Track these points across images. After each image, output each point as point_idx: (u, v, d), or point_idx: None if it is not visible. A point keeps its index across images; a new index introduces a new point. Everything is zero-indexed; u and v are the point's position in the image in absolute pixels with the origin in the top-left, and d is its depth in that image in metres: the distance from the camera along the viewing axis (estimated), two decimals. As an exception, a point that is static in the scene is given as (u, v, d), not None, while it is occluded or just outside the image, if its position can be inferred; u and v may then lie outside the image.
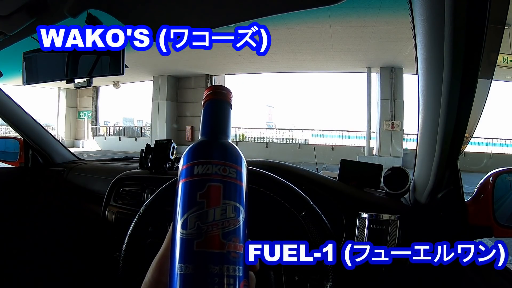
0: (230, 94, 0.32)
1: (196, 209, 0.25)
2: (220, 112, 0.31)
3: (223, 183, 0.26)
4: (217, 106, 0.31)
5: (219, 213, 0.25)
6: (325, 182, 0.87)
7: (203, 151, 0.28)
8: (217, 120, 0.31)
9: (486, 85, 0.53)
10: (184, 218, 0.25)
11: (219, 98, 0.31)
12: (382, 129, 10.96)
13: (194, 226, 0.24)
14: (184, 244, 0.24)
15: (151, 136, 14.14)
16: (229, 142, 0.29)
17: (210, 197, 0.25)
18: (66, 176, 1.45)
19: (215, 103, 0.31)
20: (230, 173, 0.26)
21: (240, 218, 0.26)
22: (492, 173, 0.70)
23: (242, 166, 0.28)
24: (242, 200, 0.27)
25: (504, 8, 0.48)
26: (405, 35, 7.50)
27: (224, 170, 0.26)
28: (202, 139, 0.30)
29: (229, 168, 0.26)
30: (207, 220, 0.24)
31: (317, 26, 7.82)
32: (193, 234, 0.24)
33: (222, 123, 0.31)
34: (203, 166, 0.26)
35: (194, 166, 0.26)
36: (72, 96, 16.18)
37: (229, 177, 0.26)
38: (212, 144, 0.29)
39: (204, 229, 0.24)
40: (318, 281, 0.66)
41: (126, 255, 0.67)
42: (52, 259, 1.43)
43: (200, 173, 0.26)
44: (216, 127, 0.30)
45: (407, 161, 9.93)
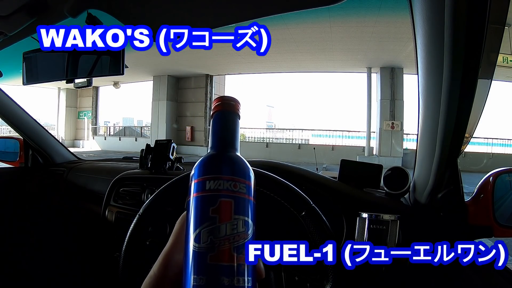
0: (239, 105, 0.33)
1: (208, 223, 0.26)
2: (228, 124, 0.32)
3: (234, 199, 0.27)
4: (225, 118, 0.32)
5: (230, 228, 0.26)
6: (325, 182, 0.87)
7: (214, 166, 0.29)
8: (226, 133, 0.32)
9: (486, 85, 0.53)
10: (198, 232, 0.26)
11: (228, 110, 0.32)
12: (382, 129, 10.96)
13: (207, 240, 0.26)
14: (198, 257, 0.25)
15: (151, 136, 14.13)
16: (237, 156, 0.30)
17: (221, 212, 0.26)
18: (66, 176, 1.45)
19: (224, 114, 0.32)
20: (240, 188, 0.28)
21: (249, 232, 0.27)
22: (492, 173, 0.70)
23: (251, 180, 0.29)
24: (251, 214, 0.28)
25: (504, 8, 0.48)
26: (405, 35, 7.50)
27: (235, 186, 0.27)
28: (212, 153, 0.31)
29: (240, 184, 0.28)
30: (219, 235, 0.26)
31: (317, 26, 7.82)
32: (206, 247, 0.25)
33: (231, 136, 0.32)
34: (215, 182, 0.27)
35: (206, 181, 0.27)
36: (72, 96, 16.17)
37: (239, 192, 0.27)
38: (222, 159, 0.30)
39: (216, 243, 0.25)
40: (318, 281, 0.66)
41: (126, 255, 0.67)
42: (52, 259, 1.43)
43: (212, 189, 0.27)
44: (225, 140, 0.31)
45: (407, 161, 9.93)
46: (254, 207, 0.29)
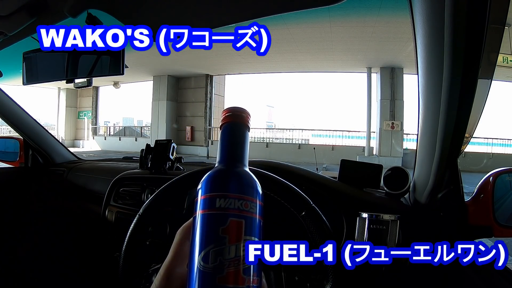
0: (248, 117, 0.32)
1: (218, 244, 0.25)
2: (237, 137, 0.31)
3: (245, 219, 0.26)
4: (234, 131, 0.31)
5: (240, 249, 0.25)
6: (325, 182, 0.87)
7: (223, 182, 0.27)
8: (235, 147, 0.30)
9: (486, 85, 0.53)
10: (206, 252, 0.25)
11: (237, 121, 0.31)
12: (382, 129, 10.96)
13: (216, 261, 0.24)
14: (206, 277, 0.24)
15: (151, 136, 14.13)
16: (246, 172, 0.29)
17: (231, 233, 0.25)
18: (66, 176, 1.45)
19: (233, 127, 0.31)
20: (251, 208, 0.26)
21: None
22: (492, 173, 0.70)
23: (259, 197, 0.28)
24: (260, 234, 0.27)
25: (504, 8, 0.48)
26: (405, 35, 7.50)
27: (245, 205, 0.26)
28: (220, 167, 0.29)
29: (250, 203, 0.27)
30: (229, 256, 0.25)
31: (317, 26, 7.82)
32: (215, 268, 0.24)
33: (240, 150, 0.30)
34: (225, 200, 0.26)
35: (216, 198, 0.26)
36: (72, 96, 16.17)
37: (250, 212, 0.26)
38: (231, 175, 0.28)
39: (226, 264, 0.24)
40: (318, 281, 0.66)
41: (126, 255, 0.67)
42: (52, 259, 1.43)
43: (222, 207, 0.26)
44: (234, 154, 0.30)
45: (407, 161, 9.93)
46: (262, 225, 0.28)
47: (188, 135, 13.75)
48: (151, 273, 0.66)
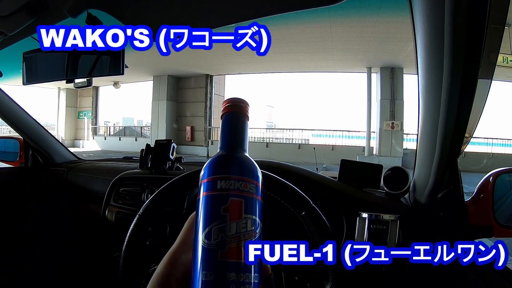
0: (247, 107, 0.34)
1: (219, 221, 0.27)
2: (237, 125, 0.33)
3: (244, 198, 0.28)
4: (234, 119, 0.33)
5: (241, 227, 0.27)
6: (325, 182, 0.87)
7: (224, 166, 0.29)
8: (235, 134, 0.32)
9: (486, 85, 0.53)
10: (208, 230, 0.27)
11: (237, 111, 0.33)
12: (382, 129, 10.96)
13: (218, 238, 0.26)
14: (209, 253, 0.26)
15: (151, 136, 14.12)
16: (246, 156, 0.31)
17: (232, 211, 0.27)
18: (66, 176, 1.45)
19: (233, 116, 0.33)
20: (250, 188, 0.28)
21: (257, 231, 0.28)
22: (492, 173, 0.70)
23: (259, 180, 0.30)
24: (260, 213, 0.29)
25: (504, 8, 0.48)
26: (405, 35, 7.49)
27: (245, 186, 0.28)
28: (221, 153, 0.31)
29: (250, 184, 0.28)
30: (230, 233, 0.26)
31: (317, 26, 7.82)
32: (217, 244, 0.26)
33: (240, 137, 0.32)
34: (226, 181, 0.28)
35: (217, 180, 0.28)
36: (72, 96, 16.16)
37: (249, 192, 0.28)
38: (232, 159, 0.30)
39: (227, 240, 0.26)
40: (318, 281, 0.66)
41: (126, 255, 0.67)
42: (52, 259, 1.43)
43: (223, 188, 0.28)
44: (234, 141, 0.32)
45: (407, 161, 9.92)
46: (262, 206, 0.29)
47: (188, 135, 13.74)
48: (151, 273, 0.66)
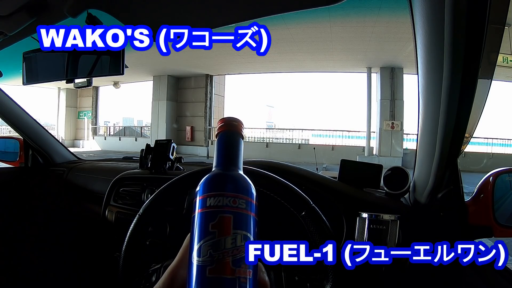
0: (241, 126, 0.35)
1: (208, 238, 0.27)
2: (232, 144, 0.34)
3: (233, 214, 0.28)
4: (229, 138, 0.34)
5: (230, 242, 0.27)
6: (325, 182, 0.87)
7: (216, 183, 0.30)
8: (229, 152, 0.33)
9: (486, 85, 0.53)
10: (199, 246, 0.27)
11: (231, 130, 0.34)
12: (382, 129, 10.95)
13: (207, 254, 0.27)
14: (199, 270, 0.27)
15: (151, 136, 14.12)
16: (240, 174, 0.32)
17: (221, 227, 0.27)
18: (66, 176, 1.45)
19: (228, 135, 0.34)
20: (240, 204, 0.29)
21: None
22: (492, 173, 0.70)
23: (252, 197, 0.30)
24: (251, 229, 0.29)
25: (504, 8, 0.48)
26: (405, 35, 7.49)
27: (234, 202, 0.28)
28: (215, 171, 0.32)
29: (239, 200, 0.29)
30: (219, 249, 0.27)
31: (317, 26, 7.82)
32: (206, 261, 0.26)
33: (234, 155, 0.33)
34: (215, 198, 0.28)
35: (207, 198, 0.29)
36: (72, 96, 16.16)
37: (239, 208, 0.28)
38: (224, 177, 0.31)
39: (215, 256, 0.26)
40: (318, 281, 0.66)
41: (126, 255, 0.67)
42: (52, 259, 1.43)
43: (212, 205, 0.28)
44: (228, 159, 0.33)
45: (407, 161, 9.92)
46: (256, 222, 0.29)
47: (188, 135, 13.74)
48: (151, 273, 0.66)
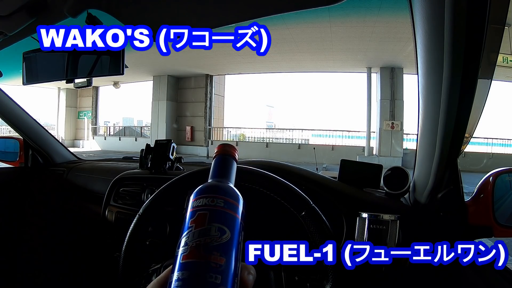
0: (234, 151, 0.42)
1: (187, 232, 0.31)
2: (225, 164, 0.41)
3: (209, 211, 0.32)
4: (223, 160, 0.41)
5: (203, 232, 0.30)
6: (325, 182, 0.87)
7: (202, 189, 0.35)
8: (222, 169, 0.40)
9: (486, 85, 0.53)
10: (180, 240, 0.31)
11: (226, 154, 0.42)
12: (382, 129, 10.95)
13: (184, 244, 0.30)
14: (176, 258, 0.30)
15: (151, 136, 14.11)
16: (229, 185, 0.36)
17: (197, 222, 0.31)
18: (66, 176, 1.45)
19: (223, 157, 0.42)
20: (218, 203, 0.32)
21: (223, 237, 0.30)
22: (492, 173, 0.70)
23: (237, 201, 0.34)
24: (229, 223, 0.31)
25: (504, 8, 0.48)
26: (405, 35, 7.49)
27: (212, 201, 0.32)
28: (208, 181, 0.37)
29: (217, 199, 0.32)
30: (194, 238, 0.30)
31: (317, 26, 7.82)
32: (183, 249, 0.30)
33: (226, 171, 0.40)
34: (198, 201, 0.33)
35: (194, 201, 0.33)
36: (72, 96, 16.15)
37: (216, 206, 0.32)
38: (211, 184, 0.36)
39: (189, 244, 0.30)
40: (318, 281, 0.66)
41: (126, 255, 0.67)
42: (52, 259, 1.43)
43: (194, 206, 0.33)
44: (221, 173, 0.39)
45: (407, 161, 9.92)
46: (238, 223, 0.32)
47: (188, 135, 13.74)
48: (151, 273, 0.66)
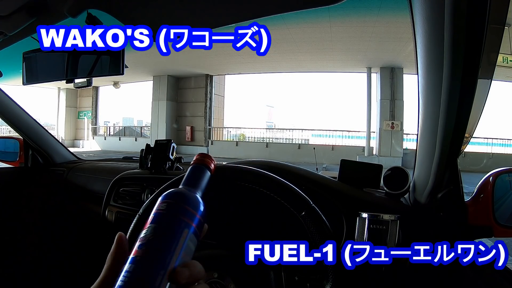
0: (210, 160, 0.46)
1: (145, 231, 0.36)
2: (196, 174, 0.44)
3: (154, 214, 0.36)
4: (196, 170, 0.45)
5: (144, 232, 0.34)
6: (325, 182, 0.87)
7: (167, 194, 0.38)
8: (192, 179, 0.43)
9: (486, 85, 0.53)
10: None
11: (201, 164, 0.45)
12: (382, 129, 10.95)
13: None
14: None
15: (151, 136, 14.12)
16: (192, 193, 0.39)
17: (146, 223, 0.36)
18: (66, 176, 1.45)
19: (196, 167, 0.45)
20: (167, 208, 0.36)
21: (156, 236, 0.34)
22: (492, 173, 0.70)
23: (193, 208, 0.36)
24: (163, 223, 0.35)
25: (504, 8, 0.48)
26: (405, 35, 7.49)
27: (160, 205, 0.36)
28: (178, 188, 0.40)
29: (167, 205, 0.36)
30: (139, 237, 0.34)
31: (317, 26, 7.82)
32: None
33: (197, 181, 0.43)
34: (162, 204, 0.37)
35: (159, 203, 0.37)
36: (72, 96, 16.16)
37: (161, 210, 0.36)
38: (175, 191, 0.38)
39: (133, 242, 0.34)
40: (318, 281, 0.66)
41: (126, 255, 0.67)
42: (52, 259, 1.43)
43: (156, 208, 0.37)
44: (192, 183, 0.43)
45: (407, 161, 9.92)
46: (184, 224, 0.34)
47: (188, 135, 13.74)
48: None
